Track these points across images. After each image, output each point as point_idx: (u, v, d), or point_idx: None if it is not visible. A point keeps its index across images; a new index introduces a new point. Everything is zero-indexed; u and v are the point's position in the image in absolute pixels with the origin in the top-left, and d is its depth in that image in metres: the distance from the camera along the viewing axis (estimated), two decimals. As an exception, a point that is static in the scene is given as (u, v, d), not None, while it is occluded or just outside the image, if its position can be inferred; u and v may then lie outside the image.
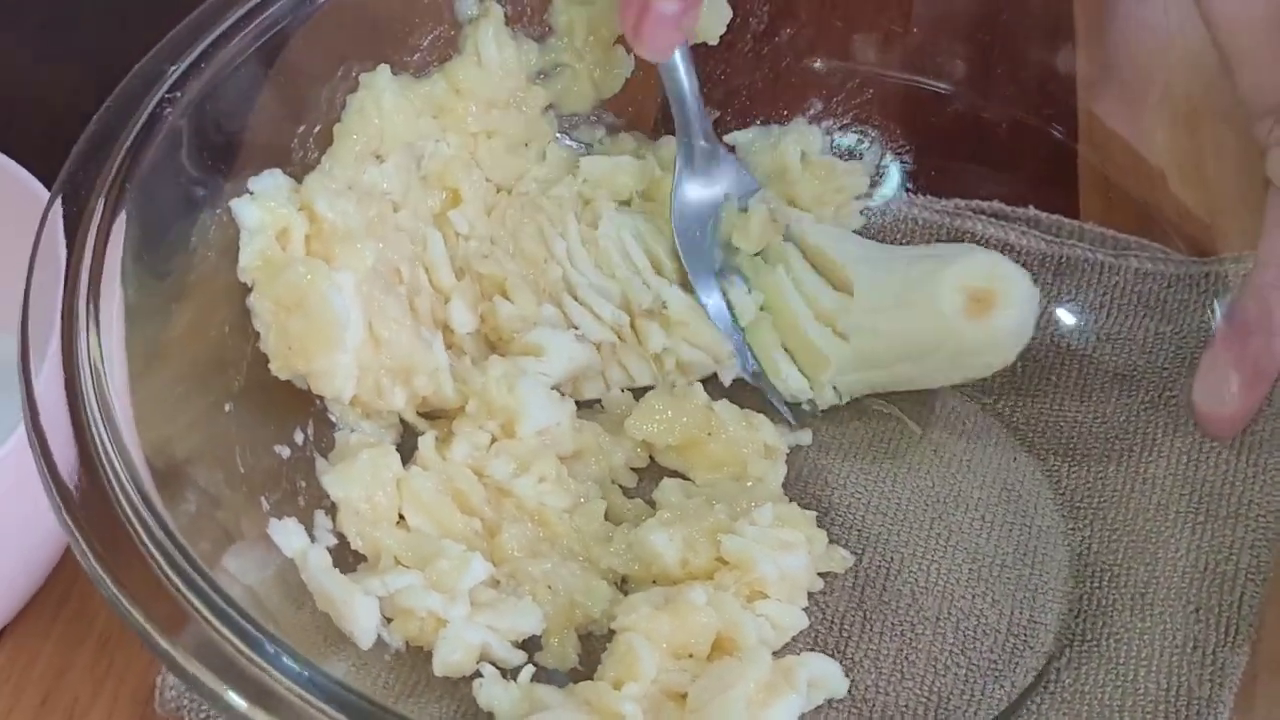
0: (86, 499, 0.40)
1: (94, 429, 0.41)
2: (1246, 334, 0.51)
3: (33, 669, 0.54)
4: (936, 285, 0.54)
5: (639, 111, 0.61)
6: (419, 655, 0.49)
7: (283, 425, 0.51)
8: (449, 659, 0.48)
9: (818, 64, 0.60)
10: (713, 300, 0.58)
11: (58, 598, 0.55)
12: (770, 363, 0.58)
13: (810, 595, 0.52)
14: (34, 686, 0.53)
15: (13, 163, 0.56)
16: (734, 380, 0.58)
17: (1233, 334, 0.51)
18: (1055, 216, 0.61)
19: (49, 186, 0.53)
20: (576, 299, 0.58)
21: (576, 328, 0.57)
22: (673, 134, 0.60)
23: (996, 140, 0.60)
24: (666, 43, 0.52)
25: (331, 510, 0.51)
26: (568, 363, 0.56)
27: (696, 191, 0.59)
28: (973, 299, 0.54)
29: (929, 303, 0.54)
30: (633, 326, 0.58)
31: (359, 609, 0.47)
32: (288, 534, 0.47)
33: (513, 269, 0.57)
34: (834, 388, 0.57)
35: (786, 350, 0.58)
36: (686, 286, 0.58)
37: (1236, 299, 0.53)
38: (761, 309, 0.58)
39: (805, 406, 0.58)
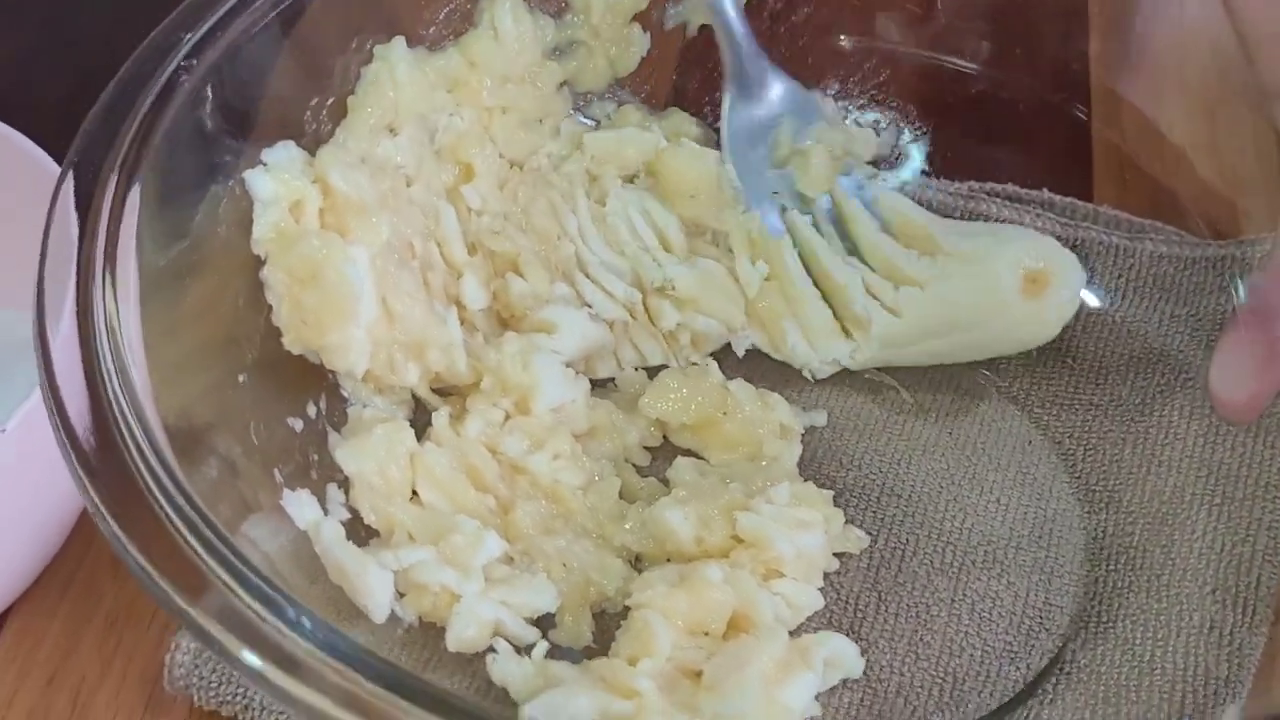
0: (102, 459, 0.39)
1: (111, 393, 0.41)
2: (1265, 317, 0.51)
3: (39, 649, 0.53)
4: (995, 262, 0.56)
5: (654, 89, 0.61)
6: (432, 631, 0.48)
7: (296, 398, 0.51)
8: (463, 634, 0.47)
9: (835, 43, 0.60)
10: (773, 223, 0.58)
11: (64, 577, 0.55)
12: (778, 330, 0.57)
13: (825, 575, 0.52)
14: (40, 667, 0.53)
15: (23, 137, 0.56)
16: (748, 355, 0.58)
17: (1251, 317, 0.51)
18: (1069, 199, 0.61)
19: (59, 161, 0.53)
20: (589, 276, 0.57)
21: (589, 305, 0.57)
22: (683, 107, 0.60)
23: (1012, 122, 0.60)
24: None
25: (344, 484, 0.50)
26: (580, 341, 0.56)
27: (748, 112, 0.59)
28: (1029, 279, 0.55)
29: (986, 278, 0.56)
30: (644, 304, 0.58)
31: (373, 581, 0.46)
32: (301, 506, 0.47)
33: (525, 245, 0.57)
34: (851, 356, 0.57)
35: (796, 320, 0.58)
36: (693, 262, 0.58)
37: (1256, 283, 0.52)
38: (767, 279, 0.58)
39: (807, 374, 0.58)
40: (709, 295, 0.57)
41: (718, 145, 0.60)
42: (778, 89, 0.59)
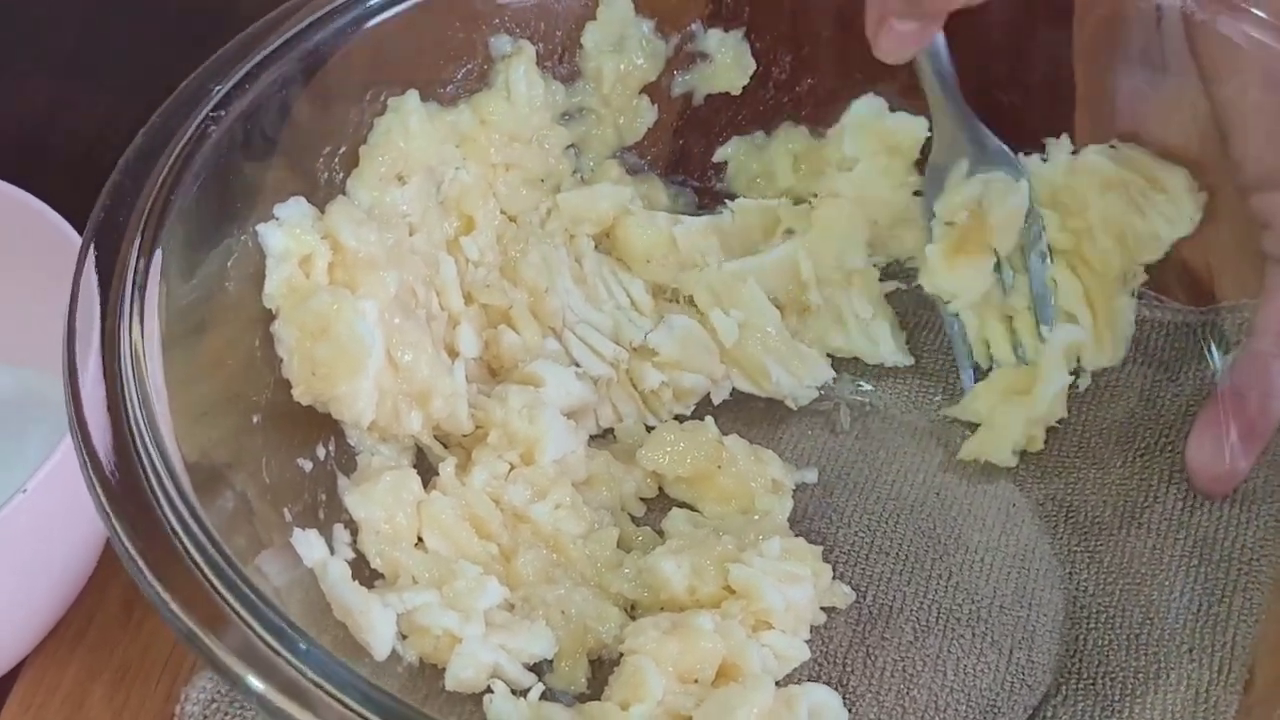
0: (126, 494, 0.41)
1: (135, 431, 0.42)
2: (1241, 398, 0.53)
3: (53, 698, 0.55)
4: None
5: (659, 154, 0.63)
6: (431, 670, 0.49)
7: (306, 440, 0.52)
8: (461, 675, 0.49)
9: (836, 113, 0.62)
10: None
11: (77, 629, 0.56)
12: (758, 368, 0.60)
13: (814, 630, 0.53)
14: (54, 716, 0.54)
15: (38, 200, 0.57)
16: (743, 410, 0.60)
17: (1228, 397, 0.53)
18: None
19: (74, 222, 0.55)
20: (575, 334, 0.59)
21: (577, 364, 0.58)
22: (686, 170, 0.63)
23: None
24: (901, 54, 0.55)
25: (350, 524, 0.52)
26: (565, 397, 0.57)
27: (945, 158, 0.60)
28: None
29: None
30: (628, 364, 0.59)
31: (376, 619, 0.47)
32: (309, 545, 0.48)
33: (517, 298, 0.58)
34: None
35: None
36: (669, 323, 0.60)
37: (1233, 363, 0.54)
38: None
39: (790, 404, 0.60)
40: (689, 353, 0.59)
41: (694, 209, 0.63)
42: (979, 139, 0.59)
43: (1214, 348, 0.58)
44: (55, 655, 0.56)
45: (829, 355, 0.61)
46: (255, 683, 0.38)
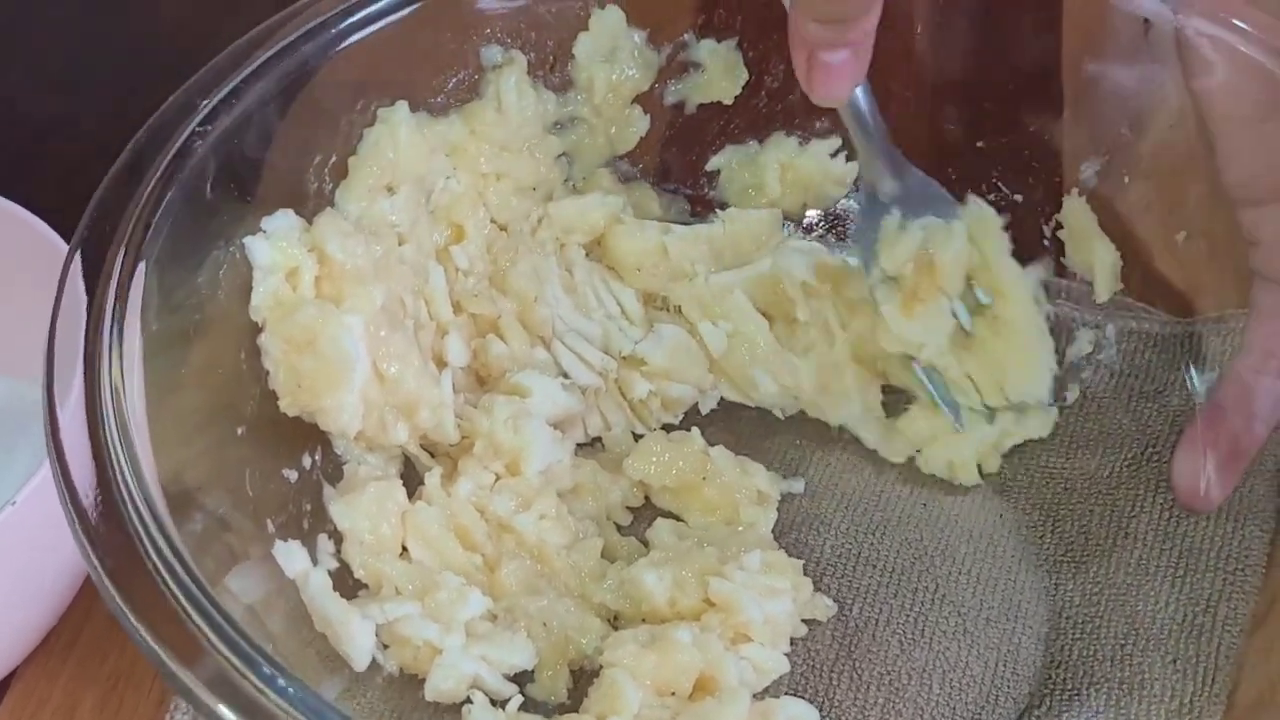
0: (105, 524, 0.41)
1: (114, 461, 0.42)
2: (1226, 416, 0.53)
3: (43, 711, 0.55)
4: None
5: (651, 163, 0.63)
6: (412, 680, 0.50)
7: (292, 449, 0.53)
8: (441, 686, 0.49)
9: (825, 123, 0.62)
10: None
11: (67, 640, 0.57)
12: (746, 379, 0.60)
13: (800, 642, 0.53)
14: (44, 727, 0.55)
15: (26, 211, 0.58)
16: (731, 419, 0.60)
17: (1213, 415, 0.53)
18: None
19: (66, 235, 0.55)
20: (564, 343, 0.59)
21: (565, 374, 0.59)
22: (679, 179, 0.63)
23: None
24: (840, 91, 0.51)
25: (334, 534, 0.52)
26: (551, 407, 0.57)
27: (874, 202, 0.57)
28: None
29: None
30: (616, 373, 0.60)
31: (356, 630, 0.48)
32: (291, 556, 0.49)
33: (506, 308, 0.59)
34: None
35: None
36: (658, 333, 0.60)
37: (1218, 381, 0.54)
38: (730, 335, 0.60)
39: (777, 413, 0.61)
40: (678, 363, 0.59)
41: (687, 217, 0.63)
42: (906, 180, 0.57)
43: (1192, 364, 0.58)
44: (46, 666, 0.56)
45: (820, 365, 0.61)
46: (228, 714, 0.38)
